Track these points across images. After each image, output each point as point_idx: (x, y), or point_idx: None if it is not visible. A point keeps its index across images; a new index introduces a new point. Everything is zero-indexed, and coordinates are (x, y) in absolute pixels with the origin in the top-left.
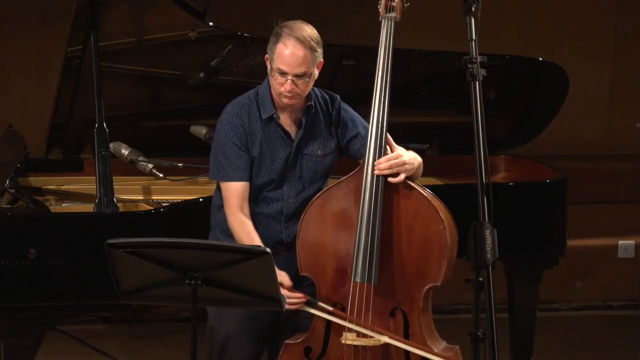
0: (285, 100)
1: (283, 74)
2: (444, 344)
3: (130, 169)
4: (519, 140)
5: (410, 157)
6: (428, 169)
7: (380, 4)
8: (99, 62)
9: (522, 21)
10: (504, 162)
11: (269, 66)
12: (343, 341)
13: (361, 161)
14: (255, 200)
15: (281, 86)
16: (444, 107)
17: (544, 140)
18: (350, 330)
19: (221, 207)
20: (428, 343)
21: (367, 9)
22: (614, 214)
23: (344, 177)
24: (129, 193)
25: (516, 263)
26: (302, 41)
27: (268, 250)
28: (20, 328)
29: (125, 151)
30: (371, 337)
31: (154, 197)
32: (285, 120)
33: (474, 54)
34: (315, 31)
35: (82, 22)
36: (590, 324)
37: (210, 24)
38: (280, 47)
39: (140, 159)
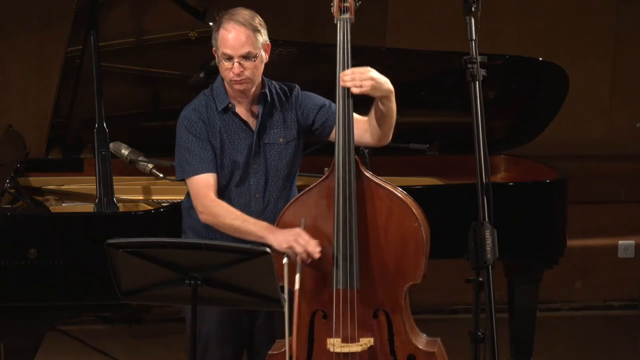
0: (236, 87)
1: (229, 58)
2: (425, 337)
3: (130, 169)
4: (519, 141)
5: (379, 77)
6: (428, 169)
7: (333, 5)
8: (99, 62)
9: (522, 21)
10: (504, 162)
11: (216, 57)
12: (331, 349)
13: (331, 138)
14: (223, 197)
15: (229, 72)
16: (444, 107)
17: (544, 140)
18: (336, 336)
19: (191, 208)
20: (411, 338)
21: (366, 9)
22: (614, 214)
23: (315, 183)
24: (129, 193)
25: (516, 263)
26: (242, 23)
27: (268, 250)
28: (20, 328)
29: (125, 151)
30: (357, 341)
31: (154, 197)
32: (242, 110)
33: (474, 54)
34: (258, 16)
35: (82, 22)
36: (590, 324)
37: (210, 24)
38: (221, 32)
39: (140, 159)
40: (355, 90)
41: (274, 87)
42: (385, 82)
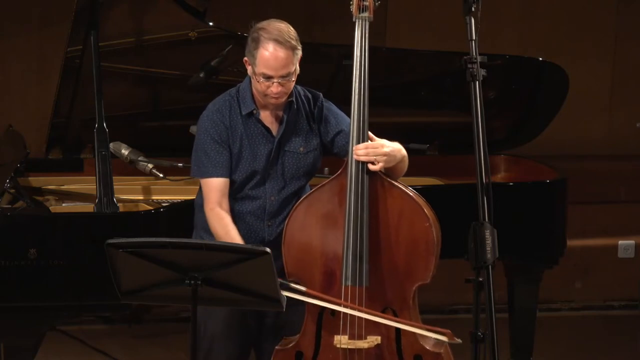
0: (272, 101)
1: (268, 78)
2: (432, 339)
3: (130, 169)
4: (519, 141)
5: (393, 149)
6: (428, 169)
7: (353, 4)
8: (99, 62)
9: (522, 21)
10: (504, 162)
11: (249, 69)
12: (337, 345)
13: (345, 159)
14: (237, 198)
15: (267, 89)
16: (444, 107)
17: (544, 140)
18: (343, 333)
19: (203, 206)
20: (418, 338)
21: None
22: (614, 214)
23: (327, 180)
24: (129, 193)
25: (516, 263)
26: (282, 43)
27: (268, 250)
28: (20, 328)
29: (125, 151)
30: (365, 339)
31: (154, 197)
32: (266, 116)
33: (474, 54)
34: (291, 28)
35: (82, 22)
36: (590, 324)
37: (210, 24)
38: (261, 52)
39: (140, 159)
40: (371, 167)
41: (300, 94)
42: (399, 151)
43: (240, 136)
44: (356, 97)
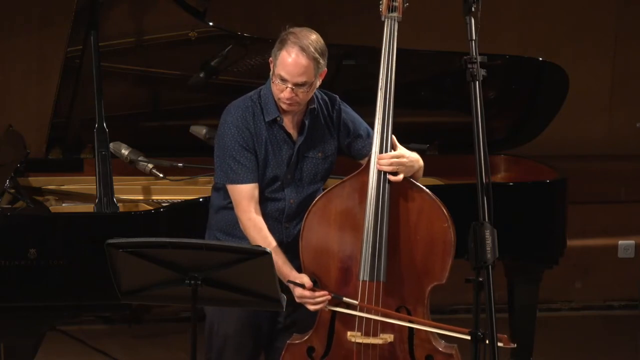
0: (283, 106)
1: (283, 80)
2: (443, 342)
3: (130, 169)
4: (519, 141)
5: (412, 159)
6: (428, 169)
7: (382, 4)
8: (99, 62)
9: (522, 21)
10: (504, 162)
11: (272, 69)
12: (353, 340)
13: (361, 162)
14: (259, 202)
15: (280, 92)
16: (444, 107)
17: (544, 140)
18: (358, 330)
19: (222, 208)
20: (430, 339)
21: (367, 9)
22: (614, 214)
23: (348, 177)
24: (129, 193)
25: (516, 263)
26: (305, 51)
27: (268, 250)
28: (20, 328)
29: (125, 151)
30: (378, 336)
31: (154, 197)
32: (288, 122)
33: (474, 54)
34: (322, 40)
35: (82, 22)
36: (590, 324)
37: (210, 24)
38: (283, 54)
39: (140, 159)
40: (392, 178)
41: (318, 98)
42: (417, 161)
43: (264, 142)
44: (381, 99)
